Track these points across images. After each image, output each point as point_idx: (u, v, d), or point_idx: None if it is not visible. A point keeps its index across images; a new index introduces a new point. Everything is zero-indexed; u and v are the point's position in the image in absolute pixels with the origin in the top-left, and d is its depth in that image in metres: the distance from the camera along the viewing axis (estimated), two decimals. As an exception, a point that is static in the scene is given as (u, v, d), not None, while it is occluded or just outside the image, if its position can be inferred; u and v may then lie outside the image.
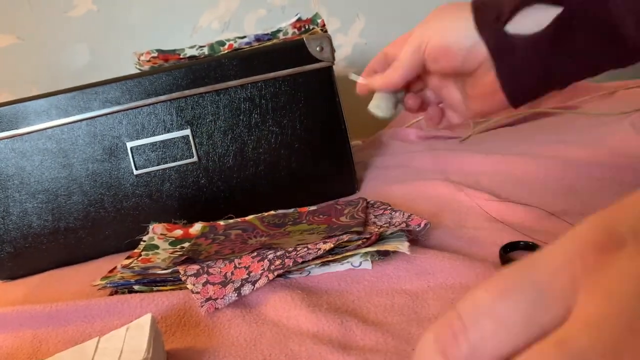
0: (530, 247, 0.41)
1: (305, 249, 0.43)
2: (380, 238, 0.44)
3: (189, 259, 0.47)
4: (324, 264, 0.44)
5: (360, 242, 0.44)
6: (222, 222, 0.59)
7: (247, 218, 0.59)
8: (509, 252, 0.41)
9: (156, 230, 0.59)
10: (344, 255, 0.43)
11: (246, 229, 0.56)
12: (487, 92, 0.42)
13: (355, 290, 0.41)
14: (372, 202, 0.57)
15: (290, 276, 0.44)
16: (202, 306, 0.40)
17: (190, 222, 0.61)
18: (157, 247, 0.56)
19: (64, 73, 1.04)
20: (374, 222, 0.50)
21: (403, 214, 0.49)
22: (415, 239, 0.46)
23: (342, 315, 0.37)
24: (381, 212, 0.53)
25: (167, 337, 0.39)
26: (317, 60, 0.62)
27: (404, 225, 0.46)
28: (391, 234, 0.45)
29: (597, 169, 0.55)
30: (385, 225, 0.48)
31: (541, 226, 0.46)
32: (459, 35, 0.41)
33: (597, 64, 0.39)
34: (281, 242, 0.48)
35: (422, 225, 0.46)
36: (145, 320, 0.35)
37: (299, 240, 0.48)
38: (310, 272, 0.44)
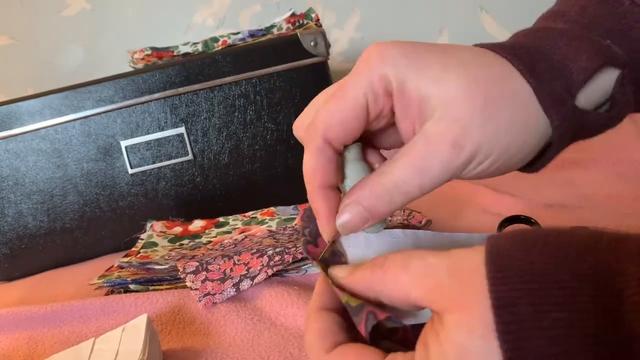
0: (530, 222, 0.40)
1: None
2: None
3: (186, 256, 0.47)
4: (320, 261, 0.44)
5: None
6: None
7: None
8: (506, 226, 0.40)
9: (155, 228, 0.58)
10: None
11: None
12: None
13: (352, 287, 0.40)
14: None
15: (287, 274, 0.44)
16: (200, 301, 0.40)
17: (187, 220, 0.61)
18: (155, 244, 0.56)
19: (58, 73, 1.03)
20: None
21: (403, 212, 0.49)
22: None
23: (340, 312, 0.36)
24: None
25: (162, 337, 0.39)
26: (311, 55, 0.61)
27: (405, 223, 0.46)
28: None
29: (596, 161, 0.55)
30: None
31: (539, 218, 0.45)
32: (531, 151, 0.26)
33: None
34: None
35: (423, 222, 0.46)
36: (141, 321, 0.35)
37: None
38: (307, 271, 0.44)
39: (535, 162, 0.29)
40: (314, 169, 0.27)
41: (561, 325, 0.17)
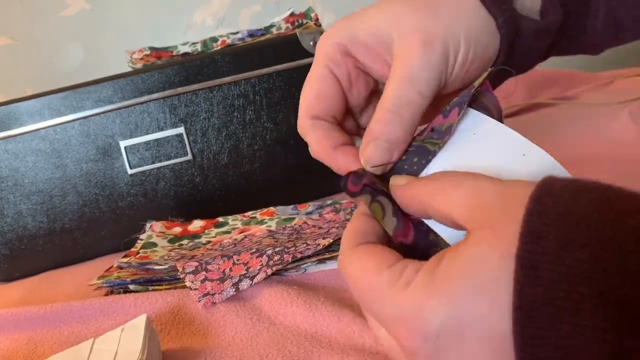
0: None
1: (305, 245, 0.43)
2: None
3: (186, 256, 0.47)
4: (320, 261, 0.44)
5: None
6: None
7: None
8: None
9: (155, 228, 0.58)
10: (340, 251, 0.43)
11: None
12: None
13: (352, 287, 0.40)
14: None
15: (286, 273, 0.44)
16: (199, 301, 0.40)
17: (186, 220, 0.61)
18: (155, 244, 0.56)
19: (57, 73, 1.03)
20: None
21: None
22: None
23: (339, 312, 0.36)
24: None
25: (162, 337, 0.39)
26: (311, 55, 0.61)
27: None
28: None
29: (595, 160, 0.55)
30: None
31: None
32: (489, 35, 0.29)
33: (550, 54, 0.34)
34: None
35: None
36: (140, 321, 0.35)
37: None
38: (306, 270, 0.44)
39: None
40: (318, 140, 0.29)
41: (583, 267, 0.17)
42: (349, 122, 0.33)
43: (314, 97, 0.29)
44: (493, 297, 0.18)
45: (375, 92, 0.32)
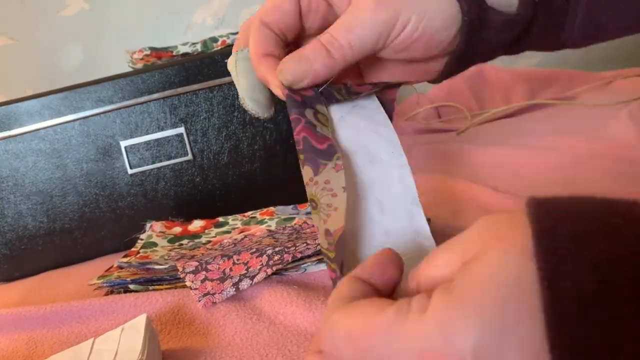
0: None
1: (305, 245, 0.43)
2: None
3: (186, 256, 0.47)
4: (320, 261, 0.44)
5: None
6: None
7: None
8: None
9: (155, 228, 0.58)
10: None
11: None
12: (432, 70, 0.35)
13: (352, 286, 0.40)
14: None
15: (286, 273, 0.44)
16: (199, 301, 0.40)
17: (187, 220, 0.61)
18: (155, 244, 0.56)
19: (57, 73, 1.03)
20: None
21: None
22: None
23: (339, 312, 0.36)
24: None
25: (162, 337, 0.39)
26: (311, 55, 0.61)
27: None
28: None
29: (596, 160, 0.55)
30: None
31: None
32: (445, 19, 0.30)
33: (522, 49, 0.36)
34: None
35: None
36: (140, 321, 0.35)
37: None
38: (306, 269, 0.44)
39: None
40: (255, 43, 0.32)
41: (608, 256, 0.16)
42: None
43: (273, 5, 0.32)
44: (520, 299, 0.16)
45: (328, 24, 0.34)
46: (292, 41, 0.34)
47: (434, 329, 0.17)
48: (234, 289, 0.41)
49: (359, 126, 0.31)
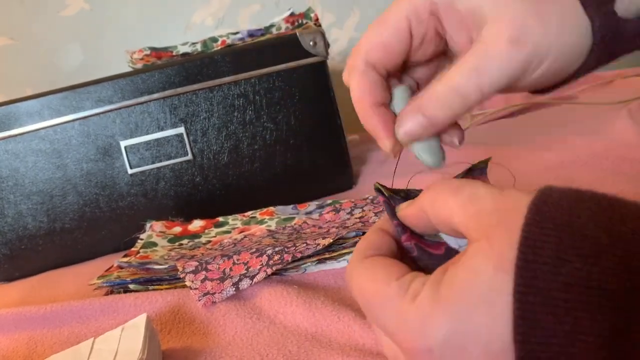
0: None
1: (304, 245, 0.43)
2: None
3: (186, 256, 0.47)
4: (320, 261, 0.44)
5: (358, 238, 0.43)
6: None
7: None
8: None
9: (155, 228, 0.58)
10: (340, 252, 0.43)
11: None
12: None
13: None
14: (371, 197, 0.56)
15: (286, 273, 0.44)
16: (199, 300, 0.40)
17: (187, 220, 0.61)
18: (155, 244, 0.56)
19: (57, 73, 1.03)
20: (374, 221, 0.50)
21: None
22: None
23: (339, 312, 0.36)
24: (381, 209, 0.52)
25: (162, 336, 0.39)
26: (310, 55, 0.61)
27: None
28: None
29: (596, 159, 0.55)
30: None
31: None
32: (581, 46, 0.26)
33: None
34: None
35: None
36: (141, 321, 0.35)
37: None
38: (306, 270, 0.44)
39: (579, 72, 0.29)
40: (362, 90, 0.28)
41: (579, 275, 0.17)
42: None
43: (381, 44, 0.28)
44: (490, 308, 0.18)
45: (439, 55, 0.30)
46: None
47: (415, 319, 0.20)
48: (234, 289, 0.41)
49: None
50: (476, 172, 0.32)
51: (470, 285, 0.19)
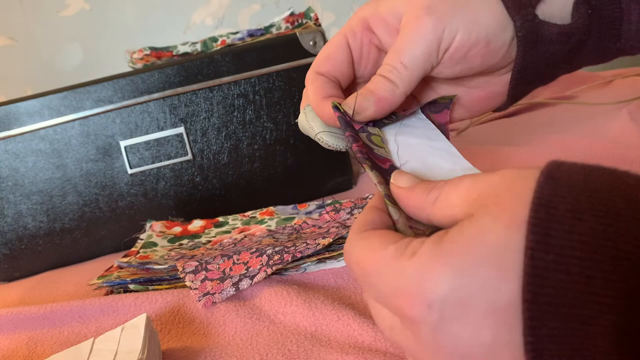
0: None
1: (304, 244, 0.43)
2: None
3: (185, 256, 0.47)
4: (319, 261, 0.44)
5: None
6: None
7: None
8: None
9: (155, 228, 0.58)
10: (340, 252, 0.43)
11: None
12: (495, 92, 0.34)
13: (352, 287, 0.40)
14: (371, 197, 0.56)
15: (286, 273, 0.44)
16: (199, 300, 0.40)
17: (186, 220, 0.61)
18: (155, 244, 0.56)
19: (57, 73, 1.03)
20: None
21: None
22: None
23: (339, 311, 0.36)
24: None
25: (162, 336, 0.39)
26: (310, 55, 0.61)
27: None
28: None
29: (596, 159, 0.55)
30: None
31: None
32: (497, 25, 0.30)
33: (590, 60, 0.35)
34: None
35: None
36: (140, 320, 0.35)
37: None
38: (305, 269, 0.44)
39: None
40: (314, 91, 0.32)
41: (595, 234, 0.16)
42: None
43: (324, 56, 0.33)
44: (500, 265, 0.17)
45: None
46: (345, 89, 0.34)
47: (414, 273, 0.19)
48: (234, 289, 0.41)
49: (412, 144, 0.30)
50: (441, 106, 0.34)
51: (477, 241, 0.18)
